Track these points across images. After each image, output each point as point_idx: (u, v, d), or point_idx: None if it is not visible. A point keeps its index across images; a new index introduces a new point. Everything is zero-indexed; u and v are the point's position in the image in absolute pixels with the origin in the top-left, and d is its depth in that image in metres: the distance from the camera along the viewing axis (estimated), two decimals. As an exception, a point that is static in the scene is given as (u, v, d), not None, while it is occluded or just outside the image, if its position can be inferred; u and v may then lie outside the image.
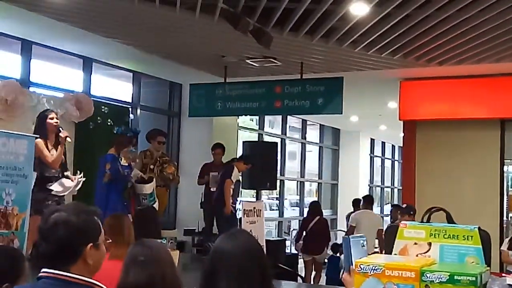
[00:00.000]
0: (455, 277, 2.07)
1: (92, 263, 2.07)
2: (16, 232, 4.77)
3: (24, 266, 2.68)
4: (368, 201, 9.83)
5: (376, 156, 18.69)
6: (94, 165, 7.37)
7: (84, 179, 6.11)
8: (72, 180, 5.97)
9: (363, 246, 2.77)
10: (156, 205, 7.36)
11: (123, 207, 7.03)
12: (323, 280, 9.76)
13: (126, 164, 7.19)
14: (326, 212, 16.17)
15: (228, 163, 8.86)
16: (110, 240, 2.21)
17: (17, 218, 4.78)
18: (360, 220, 9.19)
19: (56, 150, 5.81)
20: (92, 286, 2.06)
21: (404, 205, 8.44)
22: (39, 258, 2.06)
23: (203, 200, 9.04)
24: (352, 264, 2.23)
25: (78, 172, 6.25)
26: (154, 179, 7.55)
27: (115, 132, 7.89)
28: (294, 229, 15.21)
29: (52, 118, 6.01)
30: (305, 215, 14.59)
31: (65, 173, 6.04)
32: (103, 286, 2.09)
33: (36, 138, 5.49)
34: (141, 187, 7.23)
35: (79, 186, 6.11)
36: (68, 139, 6.00)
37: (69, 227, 2.03)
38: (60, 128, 6.02)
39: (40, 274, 2.07)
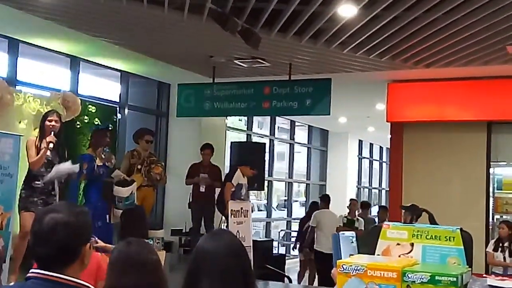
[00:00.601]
0: (436, 278, 2.08)
1: (87, 263, 2.08)
2: (1, 232, 4.74)
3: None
4: (325, 200, 10.49)
5: (364, 157, 18.76)
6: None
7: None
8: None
9: (352, 242, 2.78)
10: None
11: (102, 207, 7.02)
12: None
13: (101, 164, 7.16)
14: (314, 213, 16.18)
15: (215, 166, 8.95)
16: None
17: (1, 217, 4.75)
18: (320, 219, 9.84)
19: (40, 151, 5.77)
20: (80, 287, 2.04)
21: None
22: (36, 260, 2.03)
23: (191, 200, 9.03)
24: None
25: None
26: (135, 183, 7.50)
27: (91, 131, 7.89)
28: (281, 230, 15.24)
29: (50, 120, 6.03)
30: (296, 215, 14.74)
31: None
32: (90, 286, 2.07)
33: (21, 136, 5.45)
34: (118, 190, 7.20)
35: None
36: (50, 145, 5.97)
37: (69, 229, 2.01)
38: (54, 132, 5.97)
39: (29, 275, 2.04)
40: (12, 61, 7.78)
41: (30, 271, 2.04)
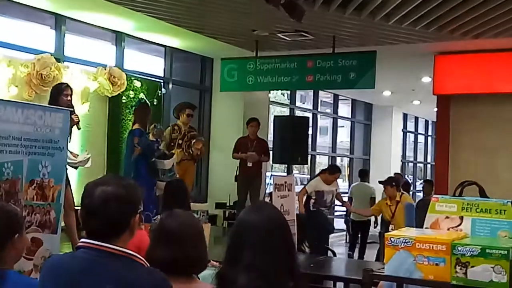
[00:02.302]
0: (487, 251, 2.06)
1: (133, 235, 2.11)
2: (52, 204, 4.88)
3: (21, 223, 2.68)
4: (361, 175, 11.68)
5: (409, 131, 18.50)
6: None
7: (89, 156, 6.24)
8: (74, 157, 6.08)
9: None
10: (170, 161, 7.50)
11: (151, 181, 7.15)
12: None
13: (154, 139, 7.29)
14: (358, 187, 16.12)
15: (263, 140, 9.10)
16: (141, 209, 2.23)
17: (53, 190, 4.87)
18: (354, 191, 11.24)
19: None
20: (133, 258, 2.08)
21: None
22: (88, 232, 2.08)
23: (237, 174, 9.09)
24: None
25: (86, 151, 6.37)
26: (174, 156, 7.63)
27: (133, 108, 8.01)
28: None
29: (66, 95, 5.96)
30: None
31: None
32: (141, 257, 2.12)
33: (71, 112, 5.54)
34: (160, 163, 7.33)
35: (88, 163, 6.22)
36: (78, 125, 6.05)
37: (119, 201, 2.05)
38: (73, 108, 5.94)
39: (79, 244, 2.09)
40: (59, 37, 7.91)
41: (81, 240, 2.09)
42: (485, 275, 2.05)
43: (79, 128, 6.24)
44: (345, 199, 16.04)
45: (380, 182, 8.77)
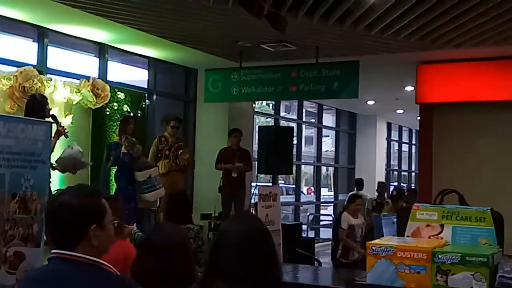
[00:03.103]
0: (467, 258, 2.08)
1: (97, 244, 2.08)
2: (35, 217, 4.83)
3: None
4: (356, 183, 12.36)
5: (393, 140, 18.61)
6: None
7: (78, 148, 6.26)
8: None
9: (394, 223, 2.75)
10: (155, 194, 7.42)
11: (130, 192, 7.15)
12: None
13: (126, 151, 7.30)
14: (342, 196, 16.20)
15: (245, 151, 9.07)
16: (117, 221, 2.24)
17: (35, 203, 4.83)
18: None
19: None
20: (98, 265, 2.08)
21: None
22: (49, 239, 2.11)
23: (221, 185, 9.09)
24: None
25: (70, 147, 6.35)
26: (154, 168, 7.60)
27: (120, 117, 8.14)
28: (310, 214, 15.26)
29: (48, 104, 6.03)
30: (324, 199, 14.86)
31: None
32: (109, 265, 2.11)
33: (52, 123, 5.53)
34: (136, 174, 7.34)
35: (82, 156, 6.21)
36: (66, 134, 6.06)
37: (70, 209, 2.06)
38: (57, 119, 6.04)
39: (50, 256, 2.12)
40: (41, 49, 7.87)
41: (52, 251, 2.11)
42: (465, 283, 2.07)
43: (66, 137, 6.23)
44: (330, 209, 16.18)
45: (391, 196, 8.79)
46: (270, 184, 11.98)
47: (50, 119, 5.77)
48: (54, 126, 5.98)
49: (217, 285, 2.06)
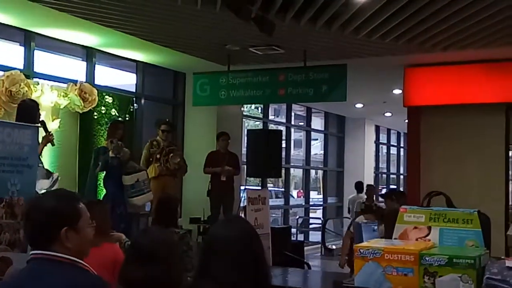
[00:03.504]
0: (454, 260, 2.08)
1: (71, 246, 2.09)
2: (22, 222, 4.79)
3: None
4: (358, 186, 12.75)
5: (382, 143, 18.68)
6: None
7: (58, 177, 6.15)
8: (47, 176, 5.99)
9: (374, 230, 2.75)
10: (142, 198, 7.38)
11: (120, 197, 7.12)
12: None
13: (113, 156, 7.27)
14: (331, 200, 16.24)
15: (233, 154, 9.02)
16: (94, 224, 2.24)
17: (22, 207, 4.79)
18: (351, 203, 12.34)
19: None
20: (74, 264, 2.09)
21: None
22: (27, 240, 2.17)
23: (210, 188, 9.07)
24: None
25: (53, 172, 6.28)
26: (142, 172, 7.57)
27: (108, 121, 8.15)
28: (300, 217, 15.27)
29: (39, 110, 6.01)
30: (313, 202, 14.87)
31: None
32: (85, 263, 2.11)
33: (39, 127, 5.49)
34: (123, 178, 7.31)
35: (56, 185, 6.11)
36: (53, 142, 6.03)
37: (40, 211, 2.10)
38: (45, 123, 6.03)
39: (29, 258, 2.14)
40: (28, 53, 7.83)
41: (30, 253, 2.14)
42: (453, 285, 2.07)
43: (53, 145, 6.19)
44: (320, 212, 16.20)
45: (381, 195, 8.84)
46: (259, 187, 11.97)
47: (38, 124, 5.72)
48: (42, 132, 5.95)
49: None
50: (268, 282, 2.19)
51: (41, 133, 5.92)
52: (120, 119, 8.48)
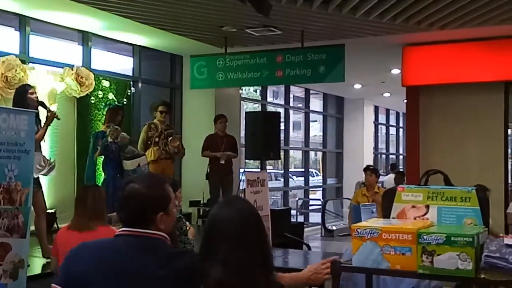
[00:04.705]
0: (452, 238, 2.07)
1: (164, 228, 2.25)
2: (20, 208, 4.78)
3: None
4: (392, 167, 13.11)
5: (381, 123, 18.64)
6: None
7: (55, 164, 6.09)
8: (44, 163, 5.93)
9: (373, 212, 2.74)
10: None
11: (119, 181, 7.11)
12: None
13: (111, 140, 7.25)
14: (331, 181, 16.24)
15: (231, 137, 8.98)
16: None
17: (20, 193, 4.77)
18: (387, 183, 11.99)
19: (39, 127, 5.74)
20: (162, 239, 2.23)
21: None
22: (122, 222, 2.29)
23: (209, 171, 9.06)
24: None
25: (50, 158, 6.24)
26: (143, 157, 7.56)
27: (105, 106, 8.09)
28: (299, 199, 15.29)
29: (32, 93, 5.87)
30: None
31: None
32: (167, 236, 2.26)
33: (37, 113, 5.46)
34: (124, 163, 7.29)
35: (52, 171, 6.08)
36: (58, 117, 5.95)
37: (140, 199, 2.23)
38: (44, 103, 5.94)
39: (118, 232, 2.26)
40: (23, 38, 7.77)
41: (119, 230, 2.28)
42: (451, 263, 2.06)
43: (58, 119, 6.13)
44: (319, 193, 16.22)
45: (365, 169, 8.75)
46: (259, 170, 11.96)
47: (34, 109, 5.67)
48: (45, 113, 5.92)
49: (212, 272, 2.07)
50: (272, 261, 2.21)
51: (44, 114, 5.92)
52: (119, 104, 8.44)
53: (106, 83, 8.67)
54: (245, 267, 2.08)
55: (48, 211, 6.53)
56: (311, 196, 15.81)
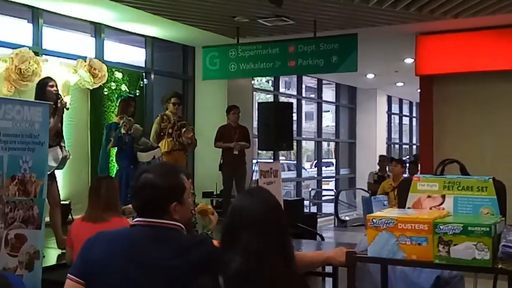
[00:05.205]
0: (469, 228, 2.04)
1: (178, 217, 2.26)
2: (35, 199, 4.81)
3: None
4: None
5: (394, 113, 18.55)
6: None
7: (69, 156, 6.11)
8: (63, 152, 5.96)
9: (384, 205, 2.72)
10: None
11: (133, 173, 7.11)
12: None
13: (125, 132, 7.26)
14: (344, 171, 16.21)
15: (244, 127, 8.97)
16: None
17: (35, 185, 4.80)
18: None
19: (53, 118, 5.76)
20: (178, 229, 2.25)
21: None
22: (135, 210, 2.31)
23: (222, 162, 9.07)
24: None
25: (67, 149, 6.25)
26: (158, 149, 7.57)
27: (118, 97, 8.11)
28: (312, 189, 15.28)
29: (52, 86, 5.93)
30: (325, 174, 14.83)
31: (61, 144, 6.01)
32: (183, 226, 2.27)
33: (49, 104, 5.48)
34: (139, 155, 7.29)
35: (66, 163, 6.11)
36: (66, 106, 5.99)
37: (154, 189, 2.23)
38: (60, 95, 5.98)
39: (133, 222, 2.28)
40: (36, 30, 7.80)
41: (134, 220, 2.29)
42: (468, 253, 2.04)
43: (67, 109, 6.17)
44: (332, 184, 16.17)
45: (392, 158, 8.71)
46: (271, 160, 11.96)
47: (53, 102, 5.71)
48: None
49: (234, 261, 2.10)
50: (293, 251, 2.24)
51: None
52: (131, 95, 8.46)
53: (119, 75, 8.69)
54: (265, 256, 2.10)
55: (62, 202, 6.57)
56: (323, 187, 15.80)
